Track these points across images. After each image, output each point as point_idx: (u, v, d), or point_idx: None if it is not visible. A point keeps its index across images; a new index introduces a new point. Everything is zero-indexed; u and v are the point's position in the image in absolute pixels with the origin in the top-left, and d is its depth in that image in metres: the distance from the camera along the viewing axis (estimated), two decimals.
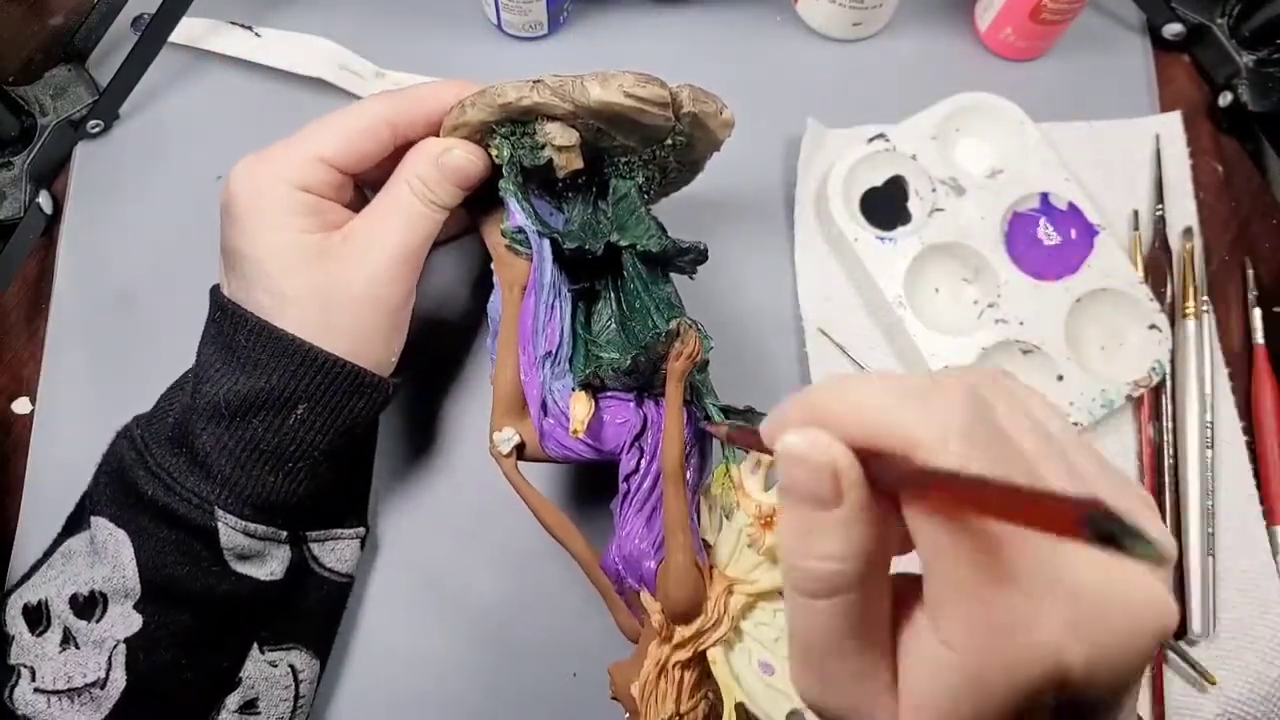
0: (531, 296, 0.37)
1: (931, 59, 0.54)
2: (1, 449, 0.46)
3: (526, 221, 0.37)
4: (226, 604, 0.37)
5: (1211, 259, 0.51)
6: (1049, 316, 0.46)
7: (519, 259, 0.37)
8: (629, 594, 0.36)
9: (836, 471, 0.20)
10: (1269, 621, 0.44)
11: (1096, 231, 0.48)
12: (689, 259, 0.39)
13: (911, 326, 0.46)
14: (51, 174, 0.51)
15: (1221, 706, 0.43)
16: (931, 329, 0.46)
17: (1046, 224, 0.48)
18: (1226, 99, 0.52)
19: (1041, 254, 0.48)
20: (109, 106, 0.50)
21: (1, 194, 0.48)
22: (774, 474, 0.34)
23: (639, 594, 0.35)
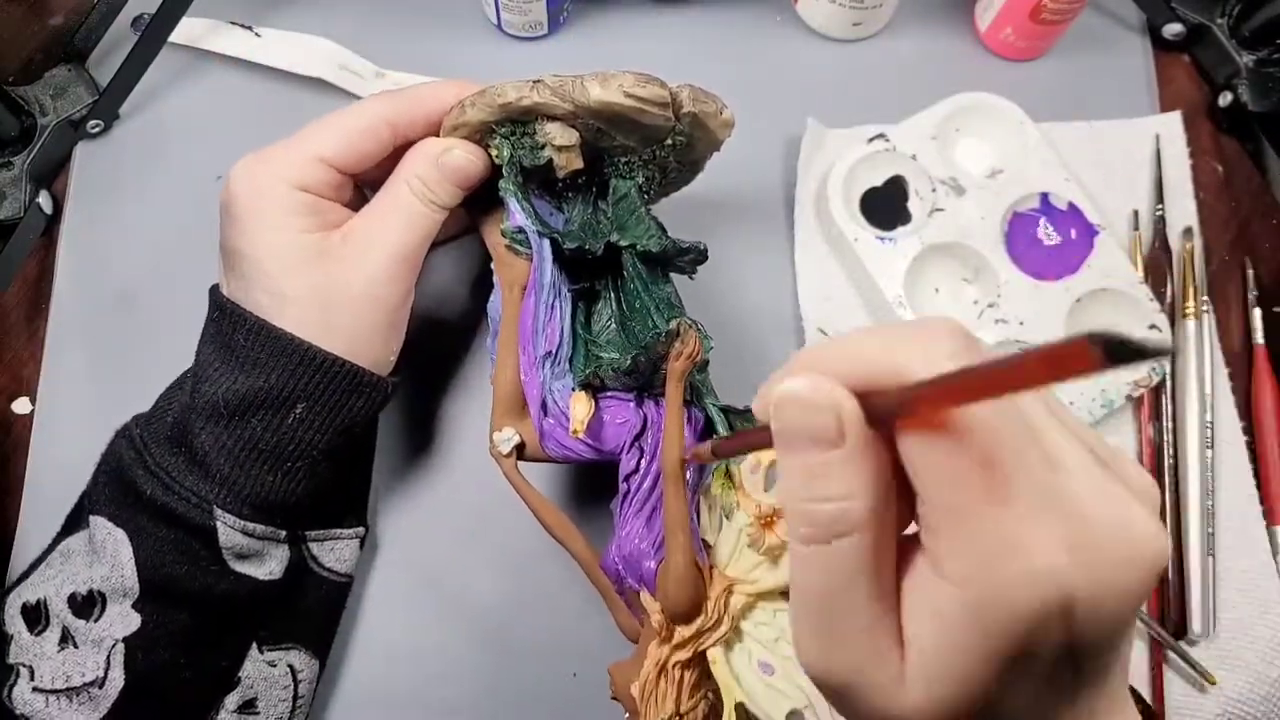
0: (531, 296, 0.37)
1: (931, 59, 0.54)
2: (1, 449, 0.46)
3: (526, 221, 0.37)
4: (225, 603, 0.37)
5: (1211, 259, 0.51)
6: (1049, 316, 0.46)
7: (519, 259, 0.37)
8: (629, 594, 0.36)
9: (837, 408, 0.20)
10: (1269, 621, 0.44)
11: (1096, 231, 0.48)
12: (689, 259, 0.39)
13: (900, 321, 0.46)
14: (51, 174, 0.51)
15: (1221, 706, 0.43)
16: None
17: (1046, 224, 0.48)
18: (1226, 99, 0.52)
19: (1041, 254, 0.48)
20: (109, 106, 0.50)
21: (1, 194, 0.48)
22: (774, 473, 0.34)
23: (639, 594, 0.35)
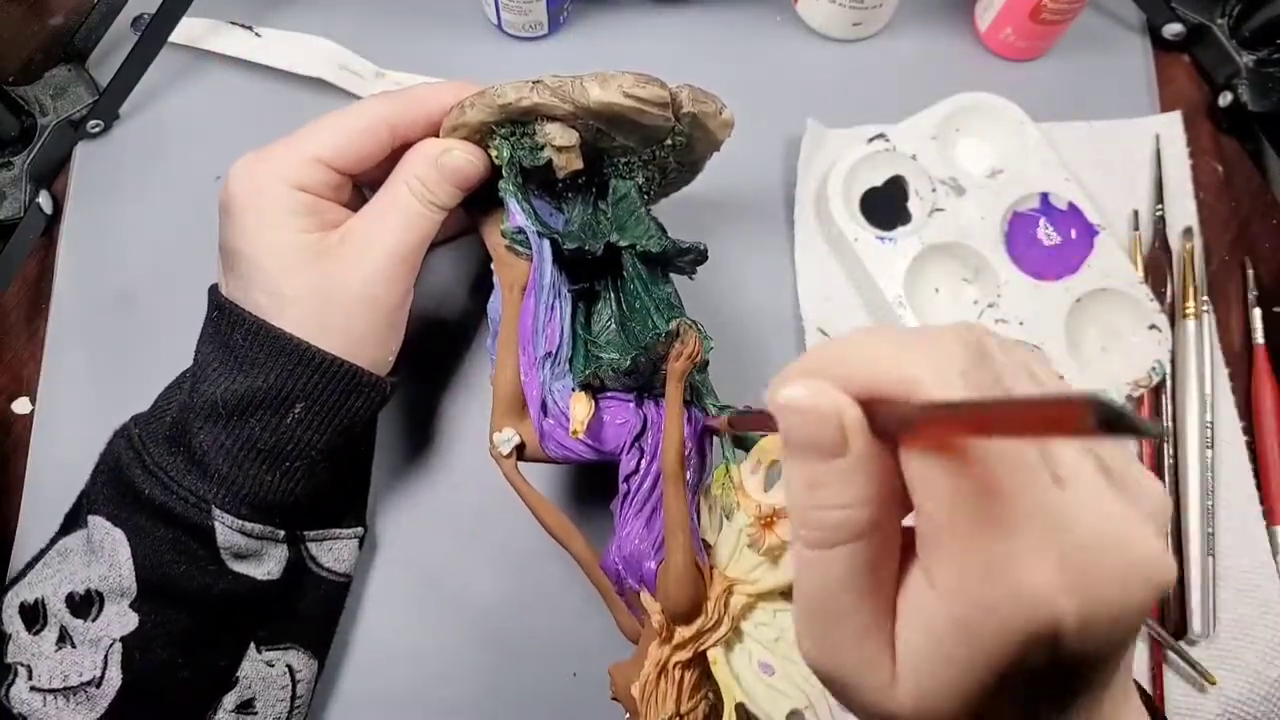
0: (531, 297, 0.37)
1: (931, 59, 0.54)
2: (1, 449, 0.46)
3: (526, 222, 0.37)
4: (223, 603, 0.37)
5: (1211, 259, 0.51)
6: (1049, 316, 0.46)
7: (519, 259, 0.37)
8: (629, 594, 0.36)
9: (840, 418, 0.20)
10: (1269, 621, 0.44)
11: (1096, 231, 0.48)
12: (689, 259, 0.38)
13: (912, 326, 0.46)
14: (51, 174, 0.50)
15: (1221, 706, 0.43)
16: None
17: (1046, 224, 0.48)
18: (1226, 99, 0.52)
19: (1041, 254, 0.48)
20: (109, 106, 0.50)
21: (1, 194, 0.48)
22: (774, 473, 0.34)
23: (639, 594, 0.35)
